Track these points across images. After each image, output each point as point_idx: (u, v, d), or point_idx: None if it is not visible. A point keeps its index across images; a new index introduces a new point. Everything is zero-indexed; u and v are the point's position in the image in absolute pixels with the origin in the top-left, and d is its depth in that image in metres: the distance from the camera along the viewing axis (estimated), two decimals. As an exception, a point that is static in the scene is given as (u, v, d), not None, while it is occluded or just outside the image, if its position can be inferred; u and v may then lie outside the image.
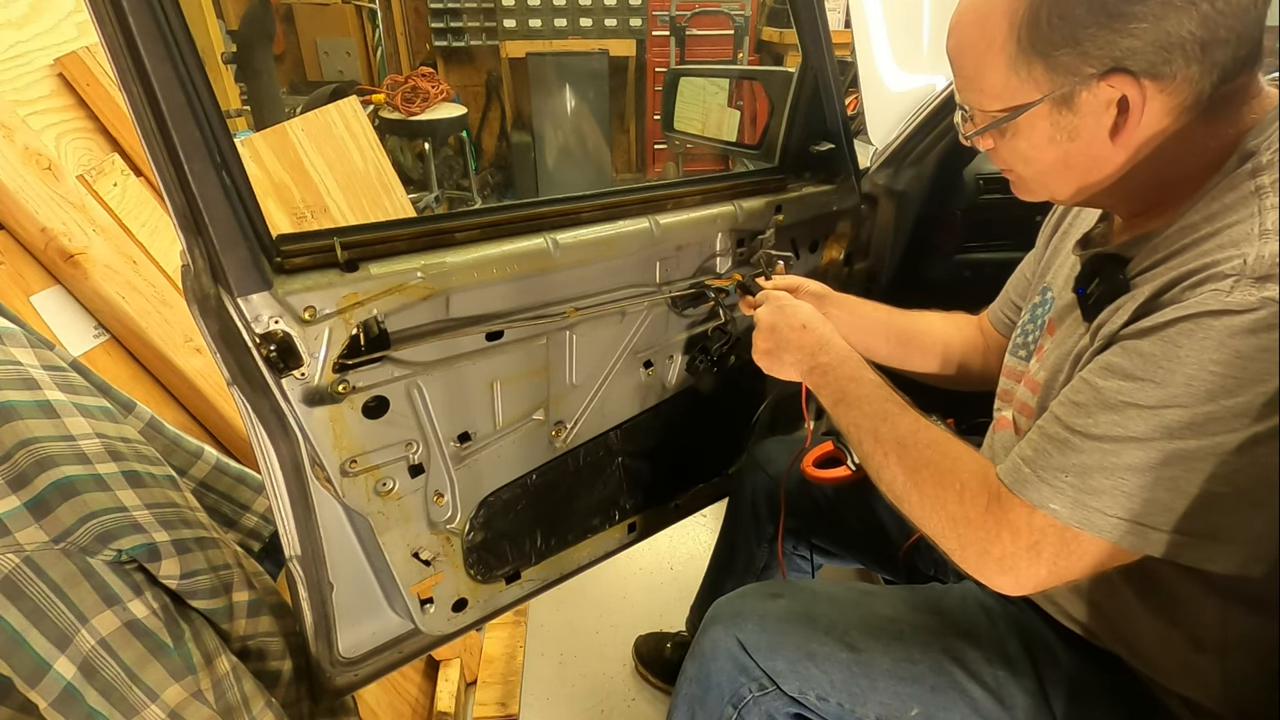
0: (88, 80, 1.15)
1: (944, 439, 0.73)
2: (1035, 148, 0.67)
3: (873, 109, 1.31)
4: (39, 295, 1.01)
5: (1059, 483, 0.61)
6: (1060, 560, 0.62)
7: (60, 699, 0.65)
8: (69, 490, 0.68)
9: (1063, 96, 0.62)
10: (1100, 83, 0.60)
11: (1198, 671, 0.70)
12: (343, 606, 0.90)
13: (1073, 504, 0.60)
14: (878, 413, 0.78)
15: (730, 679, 0.83)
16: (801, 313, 0.91)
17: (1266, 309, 0.52)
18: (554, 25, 4.23)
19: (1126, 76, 0.59)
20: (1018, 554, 0.63)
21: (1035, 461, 0.63)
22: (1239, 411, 0.53)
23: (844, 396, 0.82)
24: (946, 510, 0.68)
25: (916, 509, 0.71)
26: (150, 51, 0.58)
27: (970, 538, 0.66)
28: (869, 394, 0.80)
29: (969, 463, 0.69)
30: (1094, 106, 0.61)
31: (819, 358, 0.87)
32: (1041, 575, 0.63)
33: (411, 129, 3.60)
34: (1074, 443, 0.61)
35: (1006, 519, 0.63)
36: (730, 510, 1.30)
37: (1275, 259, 0.53)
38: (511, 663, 1.54)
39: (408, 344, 0.81)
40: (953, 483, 0.68)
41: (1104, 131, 0.62)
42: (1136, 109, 0.60)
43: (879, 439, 0.76)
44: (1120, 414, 0.58)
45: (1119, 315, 0.62)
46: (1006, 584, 0.64)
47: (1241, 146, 0.60)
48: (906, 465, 0.72)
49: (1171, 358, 0.55)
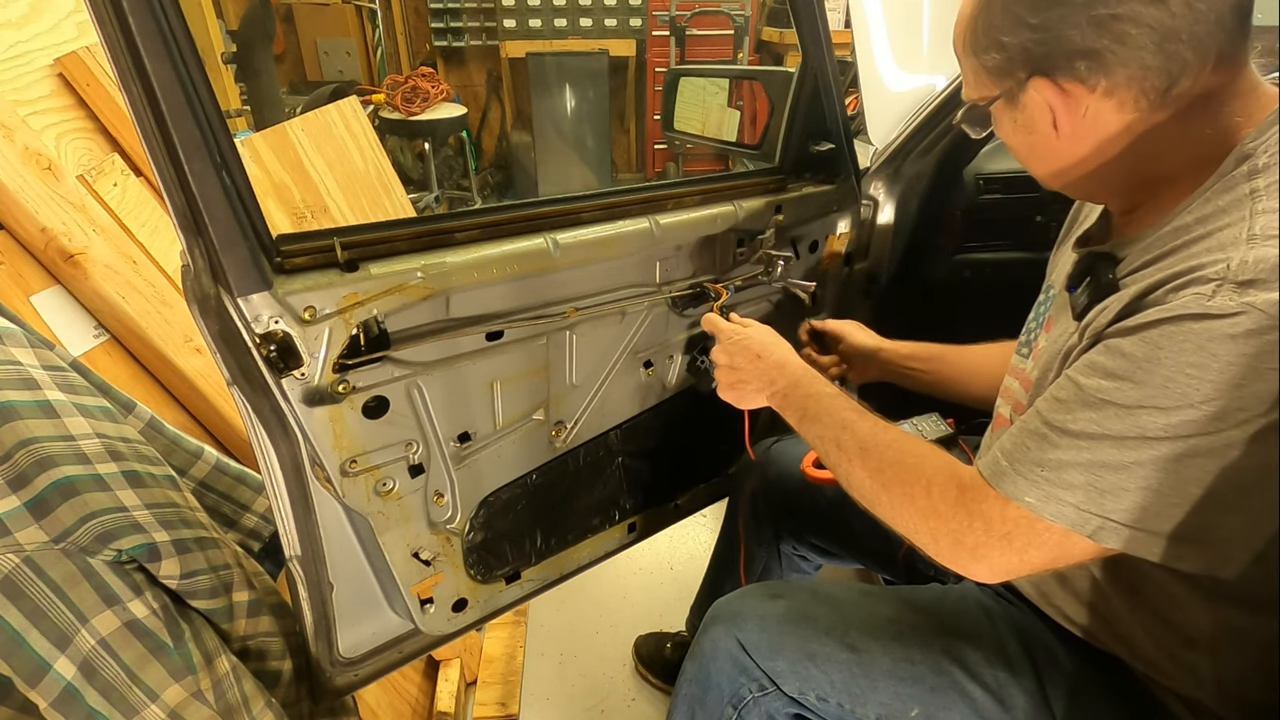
0: (88, 80, 1.15)
1: (904, 438, 0.74)
2: (1008, 135, 0.72)
3: (873, 109, 1.31)
4: (39, 295, 1.01)
5: (1034, 476, 0.61)
6: (1031, 551, 0.63)
7: (60, 699, 0.65)
8: (69, 490, 0.68)
9: (1009, 94, 0.67)
10: (1029, 85, 0.64)
11: (1193, 670, 0.70)
12: (343, 606, 0.90)
13: (1046, 497, 0.61)
14: (837, 422, 0.80)
15: (730, 679, 0.83)
16: (752, 342, 0.92)
17: (1247, 314, 0.52)
18: (554, 25, 4.23)
19: (1044, 80, 0.63)
20: (990, 543, 0.64)
21: (1013, 455, 0.64)
22: (1216, 415, 0.54)
23: (805, 413, 0.84)
24: (916, 506, 0.69)
25: (888, 510, 0.73)
26: (150, 51, 0.57)
27: (942, 529, 0.67)
28: (827, 406, 0.82)
29: (933, 459, 0.71)
30: (1036, 104, 0.65)
31: (778, 383, 0.89)
32: (1014, 564, 0.64)
33: (411, 129, 3.60)
34: (1051, 438, 0.61)
35: (979, 510, 0.64)
36: (730, 510, 1.30)
37: (1260, 264, 0.53)
38: (511, 663, 1.54)
39: (408, 344, 0.81)
40: (918, 479, 0.70)
41: (1049, 127, 0.66)
42: (1063, 110, 0.63)
43: (842, 447, 0.78)
44: (1098, 411, 0.58)
45: (1105, 314, 0.63)
46: (980, 571, 0.66)
47: (1239, 148, 0.60)
48: (871, 468, 0.74)
49: (1151, 359, 0.56)
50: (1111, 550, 0.61)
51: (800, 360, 0.91)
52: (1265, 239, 0.54)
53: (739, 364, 0.92)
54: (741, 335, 0.94)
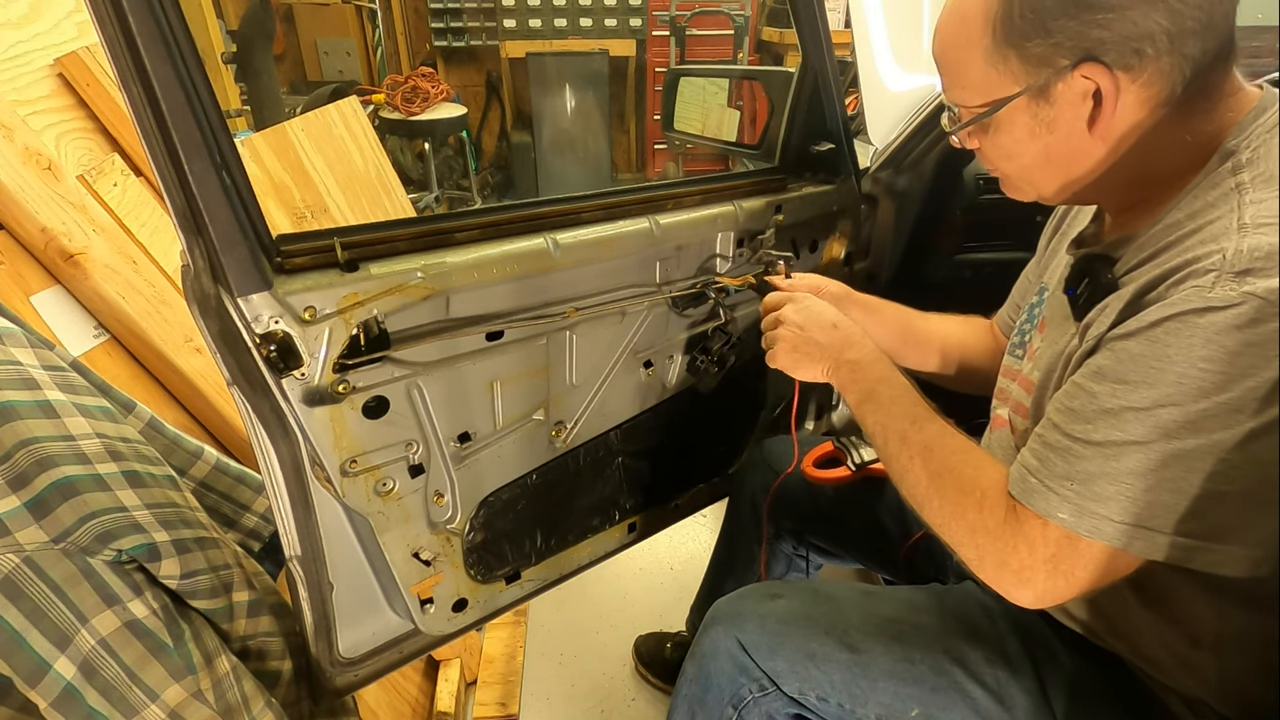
0: (88, 80, 1.15)
1: (970, 448, 0.73)
2: (1017, 142, 0.68)
3: (873, 109, 1.31)
4: (39, 295, 1.01)
5: (1065, 491, 0.61)
6: (1077, 571, 0.61)
7: (60, 699, 0.65)
8: (69, 490, 0.68)
9: (1039, 88, 0.63)
10: (1074, 73, 0.61)
11: (1196, 668, 0.70)
12: (343, 606, 0.90)
13: (1080, 512, 0.60)
14: (907, 415, 0.78)
15: (730, 679, 0.83)
16: (830, 313, 0.91)
17: (1249, 303, 0.52)
18: (554, 25, 4.23)
19: (1099, 66, 0.60)
20: (1035, 566, 0.62)
21: (1040, 471, 0.63)
22: (1233, 407, 0.54)
23: (872, 396, 0.82)
24: (966, 519, 0.68)
25: (936, 515, 0.71)
26: (150, 51, 0.57)
27: (989, 548, 0.66)
28: (899, 395, 0.80)
29: (992, 472, 0.69)
30: (1070, 98, 0.63)
31: (846, 354, 0.86)
32: (1060, 588, 0.62)
33: (411, 129, 3.60)
34: (1076, 450, 0.61)
35: (1022, 530, 0.63)
36: (730, 510, 1.30)
37: (1254, 252, 0.54)
38: (511, 663, 1.54)
39: (408, 344, 0.81)
40: (974, 490, 0.68)
41: (1081, 123, 0.63)
42: (1110, 99, 0.61)
43: (906, 441, 0.76)
44: (1117, 418, 0.58)
45: (1106, 316, 0.63)
46: (1025, 597, 0.64)
47: (1223, 146, 0.61)
48: (931, 470, 0.72)
49: (1160, 357, 0.56)
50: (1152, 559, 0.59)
51: (875, 345, 0.88)
52: (1255, 228, 0.55)
53: (810, 328, 0.89)
54: (819, 302, 0.92)
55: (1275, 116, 0.61)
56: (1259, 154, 0.59)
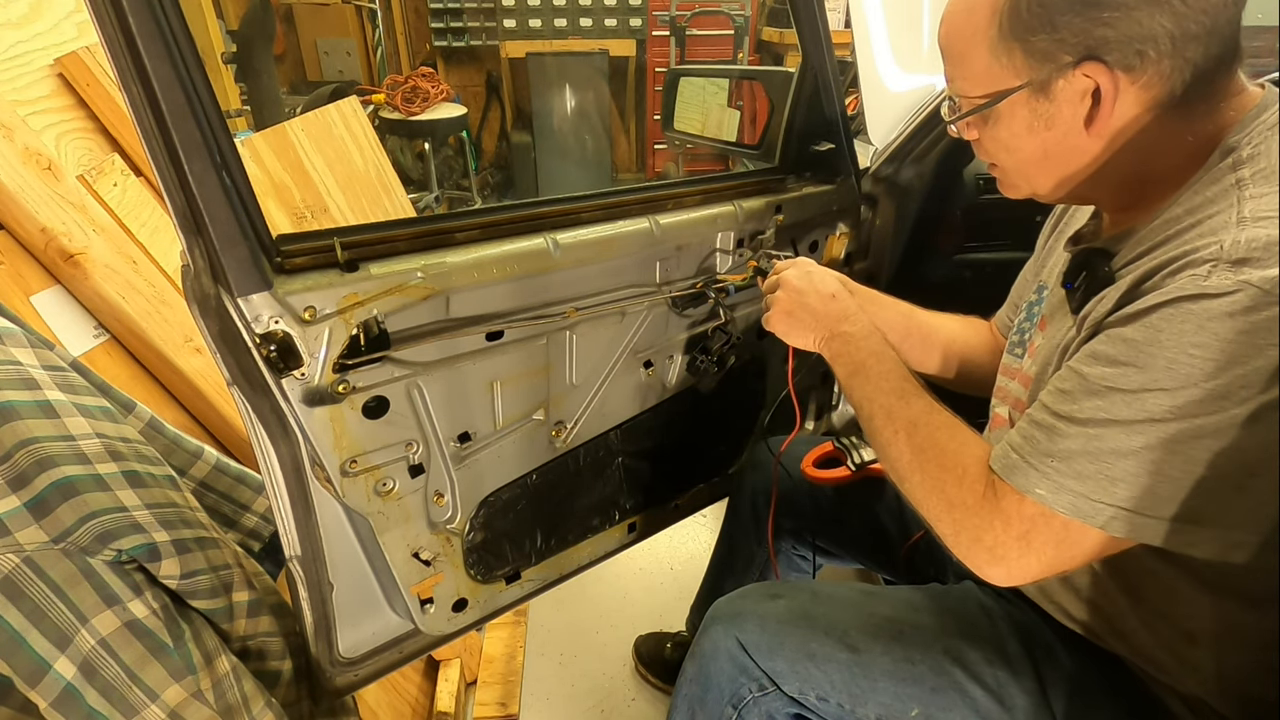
0: (88, 80, 1.15)
1: (956, 424, 0.73)
2: (1015, 136, 0.69)
3: (873, 109, 1.31)
4: (39, 295, 1.01)
5: (1045, 468, 0.61)
6: (1049, 549, 0.62)
7: (60, 699, 0.65)
8: (69, 490, 0.68)
9: (1040, 84, 0.64)
10: (1075, 71, 0.62)
11: (1194, 666, 0.70)
12: (343, 606, 0.90)
13: (1058, 489, 0.60)
14: (895, 390, 0.78)
15: (730, 679, 0.83)
16: (830, 283, 0.91)
17: (1244, 291, 0.53)
18: (554, 25, 4.23)
19: (1099, 65, 0.60)
20: (1008, 543, 0.63)
21: (1023, 448, 0.64)
22: (1220, 394, 0.54)
23: (862, 369, 0.82)
24: (945, 494, 0.68)
25: (917, 489, 0.72)
26: (150, 51, 0.57)
27: (965, 523, 0.66)
28: (889, 370, 0.80)
29: (975, 449, 0.70)
30: (1070, 95, 0.63)
31: (841, 326, 0.87)
32: (1032, 565, 0.63)
33: (411, 129, 3.60)
34: (1059, 428, 0.61)
35: (999, 506, 0.64)
36: (730, 510, 1.30)
37: (1252, 244, 0.54)
38: (511, 663, 1.54)
39: (408, 344, 0.81)
40: (956, 466, 0.69)
41: (1079, 121, 0.64)
42: (1109, 99, 0.62)
43: (891, 416, 0.76)
44: (1104, 399, 0.59)
45: (1103, 304, 0.64)
46: (998, 574, 0.65)
47: (1223, 143, 0.61)
48: (915, 445, 0.73)
49: (1153, 342, 0.56)
50: (1124, 543, 0.60)
51: (871, 320, 0.88)
52: (1255, 221, 0.55)
53: (808, 293, 0.89)
54: (821, 271, 0.93)
55: (1276, 114, 0.61)
56: (1260, 150, 0.59)
